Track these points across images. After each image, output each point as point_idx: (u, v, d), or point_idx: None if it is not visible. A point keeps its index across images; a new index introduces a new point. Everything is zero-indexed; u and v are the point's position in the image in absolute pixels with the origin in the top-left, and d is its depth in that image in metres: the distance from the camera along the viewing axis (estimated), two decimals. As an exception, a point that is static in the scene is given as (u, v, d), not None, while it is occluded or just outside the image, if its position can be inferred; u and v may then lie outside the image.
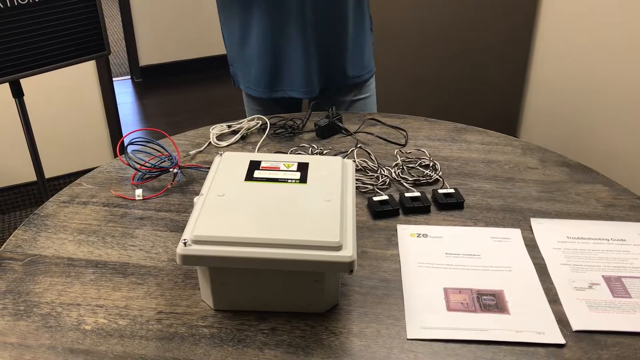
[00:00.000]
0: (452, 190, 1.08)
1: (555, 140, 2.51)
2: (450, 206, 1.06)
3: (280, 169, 0.93)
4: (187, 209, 1.06)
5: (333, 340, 0.80)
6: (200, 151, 1.25)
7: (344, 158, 1.08)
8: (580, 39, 2.33)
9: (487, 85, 2.62)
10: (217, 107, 3.59)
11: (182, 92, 3.81)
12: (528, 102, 2.65)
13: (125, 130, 3.04)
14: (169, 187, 1.12)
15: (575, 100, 2.41)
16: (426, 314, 0.84)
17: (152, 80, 3.91)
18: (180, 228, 1.01)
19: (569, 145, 2.44)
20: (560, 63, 2.45)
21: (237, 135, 1.28)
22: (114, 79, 3.44)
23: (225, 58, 4.57)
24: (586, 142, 2.38)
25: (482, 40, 2.52)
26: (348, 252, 0.77)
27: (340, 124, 1.30)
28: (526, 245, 0.98)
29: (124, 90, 3.85)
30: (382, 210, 1.04)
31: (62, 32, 1.69)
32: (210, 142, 1.27)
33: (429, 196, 1.08)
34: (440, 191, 1.08)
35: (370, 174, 1.15)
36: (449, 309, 0.85)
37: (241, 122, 1.31)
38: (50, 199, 1.09)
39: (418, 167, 1.19)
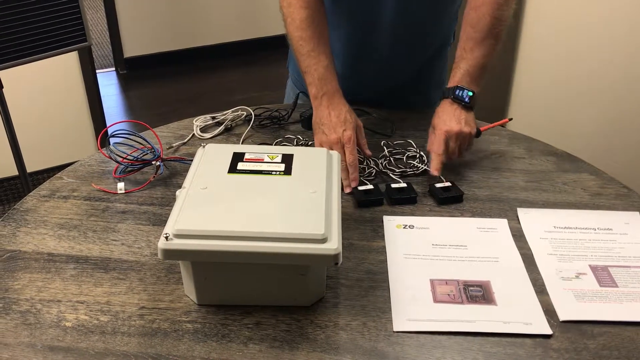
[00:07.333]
0: (448, 184, 1.07)
1: (542, 129, 2.51)
2: (450, 200, 1.04)
3: (265, 160, 0.92)
4: (170, 202, 1.04)
5: (319, 334, 0.79)
6: (184, 143, 1.23)
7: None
8: (566, 29, 2.33)
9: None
10: (204, 99, 3.56)
11: (168, 84, 3.76)
12: (515, 91, 2.65)
13: (110, 123, 3.00)
14: (152, 180, 1.10)
15: (562, 89, 2.41)
16: (412, 306, 0.83)
17: (137, 72, 3.86)
18: (163, 222, 0.99)
19: (556, 134, 2.44)
20: (548, 51, 2.44)
21: (221, 126, 1.26)
22: (98, 71, 3.38)
23: (211, 49, 4.46)
24: (573, 131, 2.39)
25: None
26: (333, 244, 0.76)
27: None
28: (513, 235, 0.97)
29: (109, 83, 3.80)
30: (366, 200, 1.03)
31: (42, 22, 1.66)
32: (194, 134, 1.25)
33: (415, 187, 1.07)
34: (438, 185, 1.07)
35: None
36: (436, 300, 0.84)
37: (225, 114, 1.29)
38: (30, 194, 1.07)
39: (404, 159, 1.18)
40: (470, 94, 1.11)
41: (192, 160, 0.94)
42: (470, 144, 1.13)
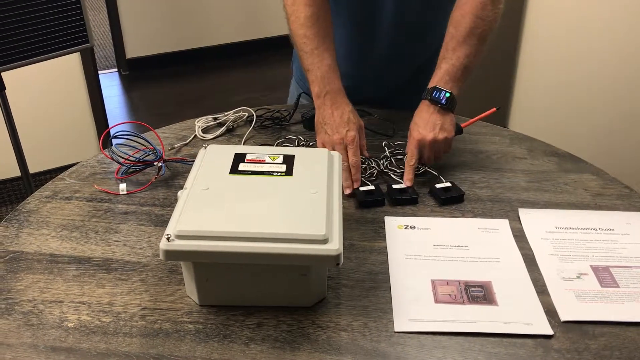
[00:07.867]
0: (449, 184, 1.07)
1: (544, 129, 2.51)
2: (452, 200, 1.04)
3: (266, 161, 0.92)
4: (172, 203, 1.04)
5: (320, 335, 0.79)
6: (186, 144, 1.23)
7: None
8: (568, 30, 2.33)
9: (475, 74, 2.61)
10: (205, 100, 3.56)
11: (169, 85, 3.77)
12: (516, 92, 2.64)
13: (112, 124, 3.01)
14: (154, 181, 1.10)
15: (564, 89, 2.41)
16: (414, 306, 0.83)
17: (139, 73, 3.87)
18: (165, 223, 0.99)
19: (558, 134, 2.44)
20: (549, 51, 2.44)
21: (223, 127, 1.26)
22: (100, 72, 3.39)
23: (213, 49, 4.46)
24: (575, 131, 2.39)
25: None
26: (334, 245, 0.76)
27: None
28: (514, 235, 0.97)
29: (111, 84, 3.81)
30: (367, 200, 1.03)
31: (45, 23, 1.66)
32: (195, 135, 1.25)
33: (416, 187, 1.07)
34: (438, 186, 1.07)
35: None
36: (437, 300, 0.84)
37: (227, 115, 1.29)
38: (33, 195, 1.07)
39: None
40: (448, 95, 1.09)
41: (193, 161, 0.94)
42: (448, 147, 1.12)
